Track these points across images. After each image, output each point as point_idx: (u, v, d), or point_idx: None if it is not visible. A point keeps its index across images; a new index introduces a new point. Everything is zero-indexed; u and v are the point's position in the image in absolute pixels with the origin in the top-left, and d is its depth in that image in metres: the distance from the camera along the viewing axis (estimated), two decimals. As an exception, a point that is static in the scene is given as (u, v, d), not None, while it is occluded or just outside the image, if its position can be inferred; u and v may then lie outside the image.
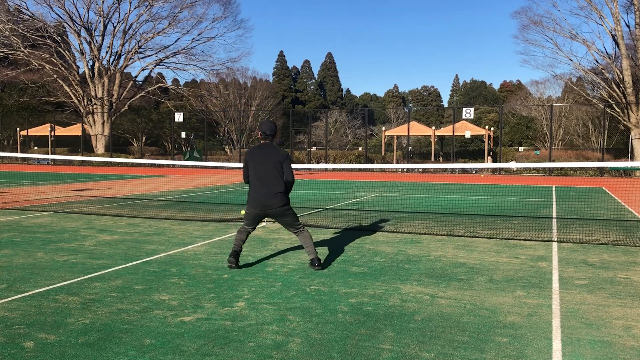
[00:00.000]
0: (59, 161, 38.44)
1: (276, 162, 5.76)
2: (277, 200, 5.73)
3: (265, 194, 5.71)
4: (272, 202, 5.72)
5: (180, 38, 43.55)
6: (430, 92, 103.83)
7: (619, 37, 31.40)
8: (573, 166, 16.56)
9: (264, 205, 5.72)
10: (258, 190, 5.75)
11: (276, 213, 5.77)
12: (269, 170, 5.73)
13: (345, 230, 8.65)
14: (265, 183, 5.72)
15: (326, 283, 5.32)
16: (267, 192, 5.71)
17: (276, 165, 5.75)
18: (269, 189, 5.71)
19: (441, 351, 3.58)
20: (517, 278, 5.57)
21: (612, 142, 44.93)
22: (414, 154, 50.36)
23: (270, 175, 5.72)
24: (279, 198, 5.75)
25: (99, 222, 9.36)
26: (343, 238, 7.89)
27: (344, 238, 7.89)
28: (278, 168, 5.75)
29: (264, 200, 5.72)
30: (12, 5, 39.42)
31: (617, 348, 3.68)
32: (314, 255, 5.85)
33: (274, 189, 5.72)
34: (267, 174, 5.72)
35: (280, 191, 5.75)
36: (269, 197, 5.72)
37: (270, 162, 5.74)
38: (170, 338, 3.78)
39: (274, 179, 5.73)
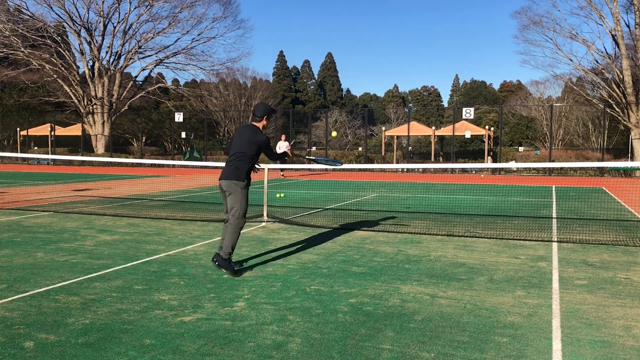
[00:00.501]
0: (59, 161, 38.44)
1: (247, 143, 5.63)
2: (229, 172, 5.59)
3: (225, 169, 5.65)
4: (224, 173, 5.63)
5: (180, 38, 43.55)
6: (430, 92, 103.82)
7: (619, 37, 31.40)
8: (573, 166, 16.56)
9: (221, 177, 5.66)
10: (225, 165, 5.73)
11: (224, 185, 5.61)
12: (236, 147, 5.65)
13: (345, 230, 8.65)
14: (229, 159, 5.68)
15: (326, 283, 5.32)
16: (227, 167, 5.64)
17: (246, 145, 5.62)
18: (229, 164, 5.64)
19: (441, 351, 3.58)
20: (517, 278, 5.58)
21: (612, 142, 44.93)
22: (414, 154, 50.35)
23: (236, 152, 5.64)
24: (233, 172, 5.58)
25: (99, 222, 9.36)
26: (343, 238, 7.89)
27: (344, 238, 7.89)
28: (248, 150, 5.62)
29: (222, 173, 5.67)
30: (12, 5, 39.43)
31: (617, 348, 3.68)
32: (220, 249, 5.57)
33: (232, 165, 5.61)
34: (235, 151, 5.65)
35: (237, 167, 5.59)
36: (226, 170, 5.64)
37: (241, 141, 5.65)
38: (170, 338, 3.78)
39: (237, 156, 5.62)
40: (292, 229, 8.79)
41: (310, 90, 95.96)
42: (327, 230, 8.59)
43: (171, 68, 44.34)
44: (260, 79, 64.45)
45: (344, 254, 6.76)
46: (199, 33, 42.14)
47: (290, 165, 14.71)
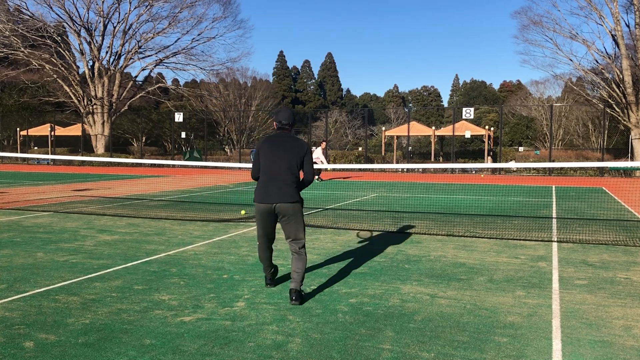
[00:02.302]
0: (59, 161, 38.43)
1: (294, 155, 4.78)
2: (287, 194, 4.73)
3: (274, 188, 4.74)
4: (281, 196, 4.71)
5: (180, 38, 43.59)
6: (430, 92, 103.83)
7: (619, 37, 31.40)
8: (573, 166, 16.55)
9: (271, 199, 4.71)
10: (267, 184, 4.77)
11: (285, 210, 4.72)
12: (283, 163, 4.76)
13: (346, 230, 8.65)
14: (277, 177, 4.75)
15: (326, 283, 5.32)
16: (277, 186, 4.73)
17: (294, 158, 4.77)
18: (280, 183, 4.74)
19: (441, 351, 3.58)
20: (517, 278, 5.57)
21: (612, 142, 44.93)
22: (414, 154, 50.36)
23: (284, 169, 4.75)
24: (291, 193, 4.75)
25: (99, 222, 9.36)
26: (343, 238, 7.89)
27: (344, 238, 7.89)
28: (296, 162, 4.78)
29: (272, 193, 4.73)
30: (12, 5, 39.43)
31: (617, 348, 3.68)
32: (295, 284, 4.70)
33: (285, 184, 4.74)
34: (280, 167, 4.76)
35: (293, 186, 4.78)
36: (278, 191, 4.73)
37: (287, 155, 4.78)
38: (170, 338, 3.78)
39: (288, 174, 4.75)
40: (292, 229, 8.78)
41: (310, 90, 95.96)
42: (328, 230, 8.59)
43: (171, 68, 44.40)
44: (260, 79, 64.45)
45: (344, 254, 6.76)
46: (199, 33, 42.17)
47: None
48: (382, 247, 7.18)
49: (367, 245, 7.31)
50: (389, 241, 7.66)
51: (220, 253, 6.72)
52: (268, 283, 5.21)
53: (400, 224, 9.33)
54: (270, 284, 5.20)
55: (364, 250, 7.00)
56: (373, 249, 7.04)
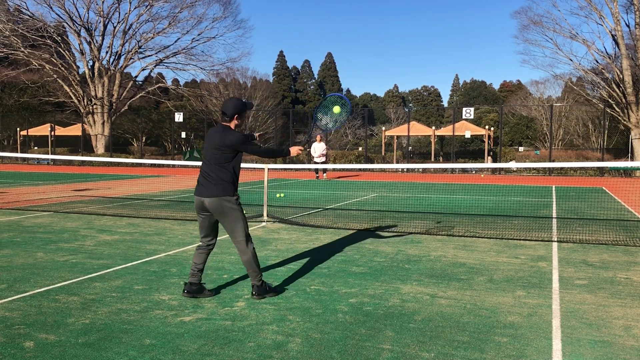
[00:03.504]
0: (59, 161, 38.43)
1: (219, 146, 4.64)
2: (213, 188, 4.62)
3: (204, 183, 4.70)
4: (208, 191, 4.63)
5: (180, 38, 43.40)
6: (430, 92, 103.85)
7: (619, 37, 31.40)
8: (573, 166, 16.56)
9: (200, 192, 4.69)
10: (200, 179, 4.77)
11: (212, 206, 4.63)
12: (210, 154, 4.70)
13: (345, 230, 8.65)
14: (207, 171, 4.71)
15: (326, 283, 5.32)
16: (206, 181, 4.68)
17: (218, 149, 4.65)
18: (207, 176, 4.69)
19: (441, 351, 3.58)
20: (517, 278, 5.57)
21: (612, 142, 44.92)
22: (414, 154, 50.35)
23: (211, 161, 4.69)
24: (217, 187, 4.62)
25: (99, 222, 9.36)
26: (343, 238, 7.89)
27: (344, 238, 7.89)
28: (220, 153, 4.65)
29: (201, 188, 4.70)
30: (12, 5, 39.43)
31: (617, 348, 3.68)
32: (254, 279, 4.76)
33: (212, 177, 4.65)
34: (208, 159, 4.72)
35: (220, 179, 4.64)
36: (206, 185, 4.67)
37: (213, 146, 4.69)
38: (170, 338, 3.78)
39: (214, 166, 4.66)
40: (292, 228, 8.79)
41: (310, 90, 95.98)
42: (327, 230, 8.59)
43: (171, 68, 44.39)
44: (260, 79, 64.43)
45: (344, 254, 6.76)
46: (199, 33, 42.17)
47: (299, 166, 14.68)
48: (382, 247, 7.18)
49: (367, 246, 7.31)
50: (389, 241, 7.66)
51: (220, 253, 6.72)
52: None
53: (400, 224, 9.33)
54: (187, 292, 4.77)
55: (364, 250, 7.00)
56: (373, 249, 7.04)
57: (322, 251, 6.92)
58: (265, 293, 4.79)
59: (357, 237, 7.99)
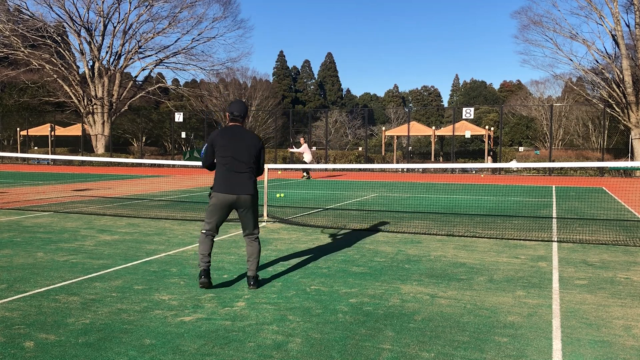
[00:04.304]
0: (59, 161, 38.43)
1: (250, 147, 5.01)
2: (248, 186, 4.98)
3: (236, 179, 4.96)
4: (243, 187, 4.95)
5: (180, 38, 43.43)
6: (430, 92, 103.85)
7: (619, 37, 31.40)
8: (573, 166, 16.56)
9: (233, 189, 4.93)
10: (227, 175, 4.98)
11: (245, 202, 4.98)
12: (242, 154, 4.98)
13: (345, 230, 8.65)
14: (237, 168, 4.97)
15: (326, 283, 5.32)
16: (238, 177, 4.97)
17: (250, 149, 5.01)
18: (240, 174, 4.98)
19: (441, 351, 3.58)
20: (517, 278, 5.57)
21: (612, 142, 44.92)
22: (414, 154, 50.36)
23: (243, 159, 4.98)
24: (251, 185, 5.02)
25: (99, 222, 9.36)
26: (343, 238, 7.89)
27: (344, 238, 7.89)
28: (252, 153, 5.02)
29: (234, 185, 4.95)
30: (12, 5, 39.44)
31: (617, 348, 3.68)
32: (252, 272, 5.10)
33: (246, 175, 5.00)
34: (239, 158, 4.97)
35: (253, 178, 5.05)
36: (240, 182, 4.96)
37: (244, 145, 5.00)
38: (170, 338, 3.78)
39: (246, 165, 5.00)
40: (292, 229, 8.79)
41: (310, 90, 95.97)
42: (327, 230, 8.59)
43: (171, 68, 44.33)
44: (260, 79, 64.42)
45: (344, 254, 6.76)
46: (199, 33, 42.18)
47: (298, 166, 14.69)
48: (382, 247, 7.18)
49: (367, 246, 7.31)
50: (389, 241, 7.66)
51: (220, 253, 6.72)
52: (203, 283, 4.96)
53: (400, 224, 9.33)
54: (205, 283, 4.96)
55: (364, 250, 7.00)
56: (373, 249, 7.05)
57: (322, 251, 6.92)
58: (259, 284, 5.19)
59: (357, 237, 7.99)
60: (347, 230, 8.59)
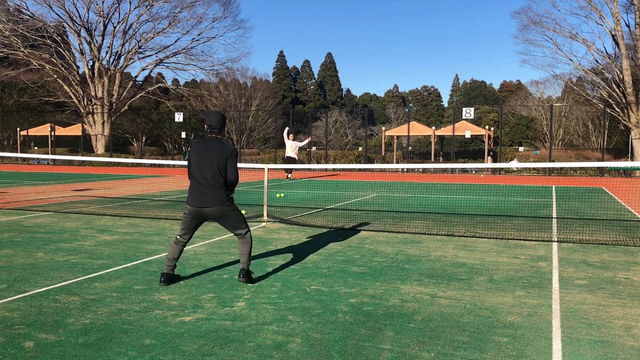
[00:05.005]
0: (59, 161, 38.43)
1: (219, 159, 5.10)
2: (215, 197, 5.07)
3: (202, 192, 5.10)
4: (208, 200, 5.07)
5: (180, 38, 43.40)
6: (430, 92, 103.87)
7: (619, 37, 31.40)
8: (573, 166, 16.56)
9: (199, 203, 5.08)
10: (195, 187, 5.14)
11: (213, 213, 5.11)
12: (209, 165, 5.09)
13: (345, 230, 8.65)
14: (204, 180, 5.11)
15: (326, 283, 5.32)
16: (204, 190, 5.09)
17: (218, 162, 5.10)
18: (206, 186, 5.10)
19: (441, 351, 3.58)
20: (517, 278, 5.58)
21: (612, 142, 44.93)
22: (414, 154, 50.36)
23: (209, 171, 5.09)
24: (218, 196, 5.08)
25: (99, 222, 9.36)
26: (343, 238, 7.89)
27: (344, 238, 7.89)
28: (219, 165, 5.10)
29: (200, 197, 5.09)
30: (12, 5, 39.43)
31: (617, 348, 3.68)
32: (244, 265, 5.27)
33: (211, 187, 5.09)
34: (206, 170, 5.10)
35: (218, 188, 5.11)
36: (205, 195, 5.09)
37: (211, 157, 5.10)
38: (170, 338, 3.78)
39: (213, 176, 5.08)
40: (292, 229, 8.79)
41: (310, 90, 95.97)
42: (327, 230, 8.59)
43: (171, 68, 44.31)
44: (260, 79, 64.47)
45: (344, 254, 6.76)
46: (199, 33, 42.16)
47: (297, 166, 14.67)
48: (382, 247, 7.18)
49: (367, 246, 7.31)
50: (389, 241, 7.66)
51: (220, 253, 6.72)
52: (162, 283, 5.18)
53: (400, 224, 9.33)
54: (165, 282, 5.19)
55: (364, 250, 7.00)
56: (373, 249, 7.05)
57: (322, 251, 6.92)
58: (248, 278, 5.27)
59: (357, 237, 7.99)
60: (347, 230, 8.59)
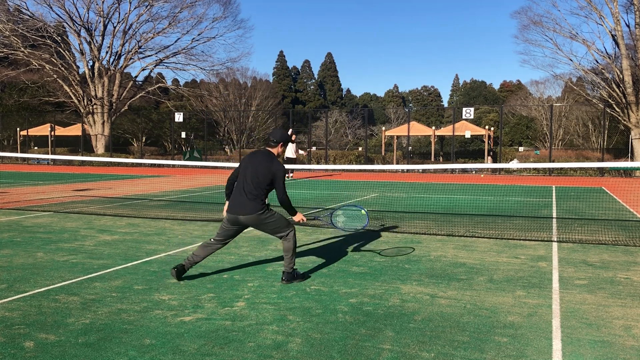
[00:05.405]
0: (59, 161, 38.43)
1: (262, 173, 5.15)
2: (249, 206, 5.11)
3: (239, 200, 5.16)
4: (244, 208, 5.12)
5: (180, 38, 43.39)
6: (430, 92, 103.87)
7: (619, 37, 31.40)
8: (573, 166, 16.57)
9: (235, 210, 5.14)
10: (235, 193, 5.22)
11: (249, 221, 5.14)
12: (251, 176, 5.16)
13: (345, 230, 8.64)
14: (243, 189, 5.17)
15: (326, 283, 5.32)
16: (242, 199, 5.14)
17: (261, 175, 5.15)
18: (244, 195, 5.15)
19: (441, 351, 3.58)
20: (517, 278, 5.57)
21: (612, 142, 44.93)
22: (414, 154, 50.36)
23: (250, 182, 5.15)
24: (253, 204, 5.12)
25: (99, 222, 9.36)
26: (343, 238, 7.89)
27: (344, 238, 7.89)
28: (261, 179, 5.15)
29: (237, 205, 5.15)
30: (12, 5, 39.43)
31: (617, 348, 3.68)
32: (285, 267, 5.32)
33: (249, 196, 5.13)
34: (247, 179, 5.16)
35: (255, 198, 5.13)
36: (241, 203, 5.14)
37: (256, 169, 5.17)
38: (170, 338, 3.78)
39: (252, 187, 5.13)
40: (292, 229, 8.78)
41: (310, 90, 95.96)
42: (328, 230, 8.59)
43: (171, 68, 44.31)
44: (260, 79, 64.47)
45: (344, 254, 6.76)
46: (199, 33, 42.15)
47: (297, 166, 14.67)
48: (382, 247, 7.18)
49: (367, 246, 7.32)
50: (389, 241, 7.66)
51: (220, 253, 6.72)
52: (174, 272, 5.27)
53: (400, 224, 9.33)
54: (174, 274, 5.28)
55: (364, 250, 7.01)
56: (373, 249, 7.05)
57: (322, 251, 6.92)
58: (293, 279, 5.31)
59: (357, 237, 7.99)
60: (347, 230, 8.58)
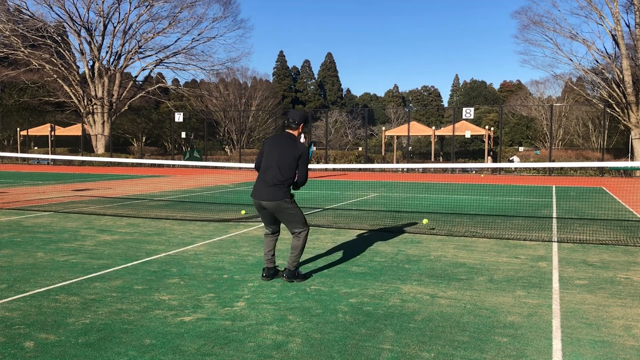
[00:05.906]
0: (59, 161, 38.43)
1: (288, 155, 5.15)
2: (272, 192, 5.11)
3: (263, 185, 5.18)
4: (267, 194, 5.12)
5: (180, 38, 43.53)
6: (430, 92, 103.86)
7: (619, 37, 31.40)
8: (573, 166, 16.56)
9: (259, 196, 5.16)
10: (259, 179, 5.24)
11: (271, 207, 5.14)
12: (277, 160, 5.16)
13: (345, 230, 8.65)
14: (267, 174, 5.18)
15: (326, 283, 5.32)
16: (265, 185, 5.17)
17: (287, 157, 5.14)
18: (269, 179, 5.16)
19: (441, 351, 3.58)
20: (517, 278, 5.57)
21: (612, 142, 44.93)
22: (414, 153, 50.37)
23: (275, 165, 5.15)
24: (276, 190, 5.12)
25: (99, 222, 9.36)
26: (343, 238, 7.89)
27: (344, 238, 7.89)
28: (288, 161, 5.14)
29: (261, 191, 5.17)
30: (12, 5, 39.44)
31: (617, 348, 3.68)
32: (289, 264, 5.32)
33: (272, 180, 5.14)
34: (272, 164, 5.17)
35: (278, 183, 5.13)
36: (265, 189, 5.16)
37: (281, 153, 5.17)
38: (170, 338, 3.78)
39: (277, 170, 5.13)
40: (292, 229, 8.78)
41: (310, 90, 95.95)
42: (328, 230, 8.59)
43: (171, 68, 44.34)
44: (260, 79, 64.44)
45: (344, 254, 6.76)
46: (199, 33, 42.19)
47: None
48: (382, 247, 7.18)
49: (367, 245, 7.31)
50: (389, 241, 7.66)
51: (221, 253, 6.72)
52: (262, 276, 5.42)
53: (400, 224, 9.33)
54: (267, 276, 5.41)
55: (364, 250, 7.00)
56: (373, 249, 7.05)
57: (322, 251, 6.92)
58: (294, 278, 5.33)
59: (357, 237, 7.99)
60: (347, 230, 8.59)
